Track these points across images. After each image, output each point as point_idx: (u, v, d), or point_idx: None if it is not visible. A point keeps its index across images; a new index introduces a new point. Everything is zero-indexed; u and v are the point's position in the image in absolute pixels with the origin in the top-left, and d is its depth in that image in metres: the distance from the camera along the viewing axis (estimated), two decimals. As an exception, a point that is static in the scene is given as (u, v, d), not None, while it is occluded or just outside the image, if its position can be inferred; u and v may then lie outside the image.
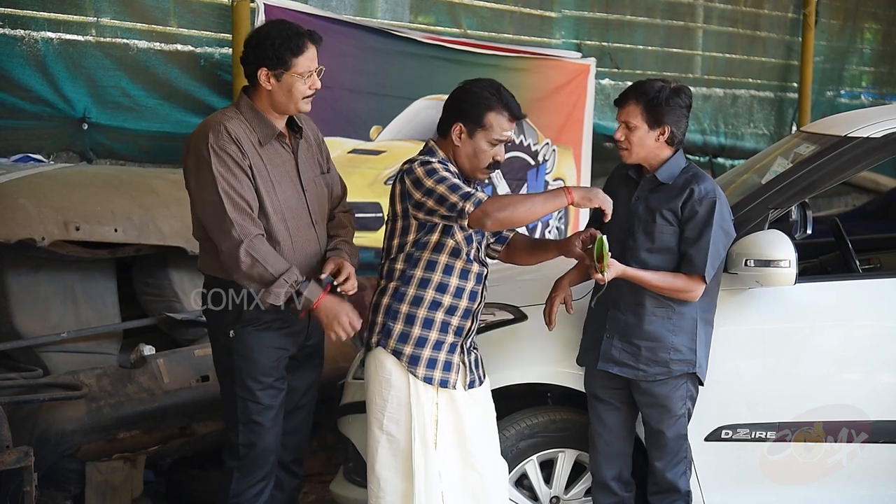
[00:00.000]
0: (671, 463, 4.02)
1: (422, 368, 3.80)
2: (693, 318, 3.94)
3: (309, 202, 3.94)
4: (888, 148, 4.30)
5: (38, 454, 3.89)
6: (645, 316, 3.93)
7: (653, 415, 4.00)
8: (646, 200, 3.96)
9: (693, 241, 3.87)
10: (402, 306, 3.84)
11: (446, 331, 3.84)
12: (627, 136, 3.93)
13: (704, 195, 3.87)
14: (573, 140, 7.88)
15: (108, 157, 5.92)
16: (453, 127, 3.83)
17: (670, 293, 3.89)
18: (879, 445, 4.25)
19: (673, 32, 9.61)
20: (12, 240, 4.38)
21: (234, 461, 3.97)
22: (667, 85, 3.92)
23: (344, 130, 6.47)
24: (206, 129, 3.79)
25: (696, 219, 3.87)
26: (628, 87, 4.02)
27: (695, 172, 3.96)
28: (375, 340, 3.87)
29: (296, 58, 3.79)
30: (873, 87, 11.98)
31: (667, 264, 3.91)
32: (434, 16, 7.67)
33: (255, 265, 3.70)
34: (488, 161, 3.84)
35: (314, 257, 3.94)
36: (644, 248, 3.93)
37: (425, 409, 3.81)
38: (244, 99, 3.89)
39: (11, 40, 5.52)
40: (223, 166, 3.72)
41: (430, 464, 3.80)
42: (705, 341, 4.00)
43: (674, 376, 3.94)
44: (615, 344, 3.98)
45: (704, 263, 3.84)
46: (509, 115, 3.82)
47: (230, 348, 3.90)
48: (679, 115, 3.92)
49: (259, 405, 3.92)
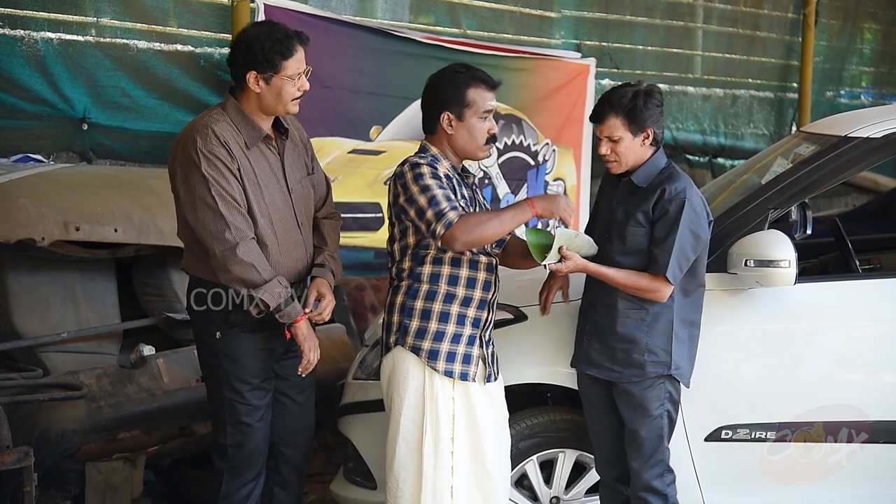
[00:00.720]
0: (647, 464, 3.99)
1: (441, 363, 3.81)
2: (669, 319, 3.91)
3: (295, 204, 3.94)
4: (888, 148, 4.30)
5: (38, 454, 3.89)
6: (618, 317, 3.92)
7: (628, 414, 3.99)
8: (624, 204, 3.94)
9: (660, 240, 3.84)
10: (416, 303, 3.84)
11: (463, 323, 3.84)
12: (613, 149, 3.91)
13: (675, 195, 3.83)
14: (573, 140, 7.88)
15: (108, 157, 5.92)
16: (441, 118, 3.84)
17: (635, 292, 3.86)
18: (879, 445, 4.25)
19: (673, 32, 9.60)
20: (12, 240, 4.38)
21: (223, 462, 3.97)
22: (638, 89, 3.90)
23: (344, 130, 6.48)
24: (193, 132, 3.77)
25: (664, 219, 3.84)
26: (599, 100, 3.98)
27: (670, 173, 3.92)
28: (394, 340, 3.86)
29: (285, 60, 3.77)
30: (873, 88, 11.97)
31: (638, 265, 3.88)
32: (434, 16, 7.67)
33: (249, 269, 3.70)
34: (485, 136, 3.86)
35: (300, 260, 3.95)
36: (617, 250, 3.91)
37: (440, 405, 3.80)
38: (230, 100, 3.86)
39: (11, 40, 5.52)
40: (214, 169, 3.71)
41: (441, 459, 3.80)
42: (687, 344, 3.97)
43: (649, 377, 3.94)
44: (594, 346, 3.98)
45: (668, 264, 3.80)
46: (487, 86, 3.86)
47: (217, 350, 3.89)
48: (657, 115, 3.90)
49: (247, 406, 3.92)
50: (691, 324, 3.98)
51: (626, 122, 3.87)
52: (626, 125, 3.87)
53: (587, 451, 4.29)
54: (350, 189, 6.36)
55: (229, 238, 3.69)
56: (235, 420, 3.92)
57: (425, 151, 3.88)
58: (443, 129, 3.86)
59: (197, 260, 3.87)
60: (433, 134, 3.90)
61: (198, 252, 3.84)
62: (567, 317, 4.18)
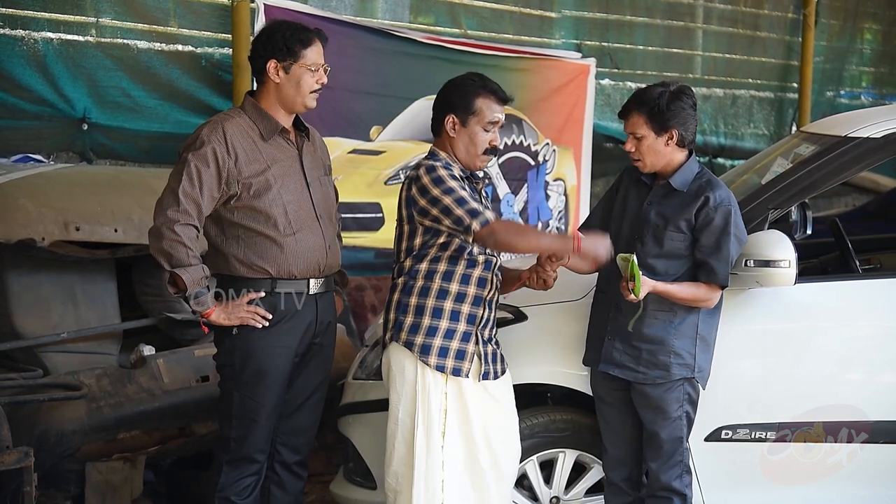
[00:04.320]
0: (665, 465, 4.01)
1: (433, 357, 3.82)
2: (694, 322, 3.93)
3: (314, 197, 3.99)
4: (888, 148, 4.30)
5: (38, 454, 3.89)
6: (646, 318, 3.93)
7: (648, 416, 4.00)
8: (658, 206, 3.93)
9: (712, 250, 3.85)
10: (411, 299, 3.87)
11: (457, 319, 3.86)
12: (637, 147, 3.91)
13: (720, 203, 3.85)
14: (573, 140, 7.88)
15: (108, 157, 5.92)
16: (446, 120, 3.88)
17: (691, 303, 3.89)
18: (879, 445, 4.25)
19: (673, 32, 9.60)
20: (12, 240, 4.38)
21: (224, 454, 4.00)
22: (666, 89, 3.90)
23: (344, 131, 6.48)
24: (205, 125, 3.90)
25: (711, 227, 3.85)
26: (630, 97, 4.01)
27: (708, 179, 3.93)
28: (389, 336, 3.91)
29: (305, 49, 3.87)
30: (873, 88, 11.97)
31: (674, 269, 3.89)
32: (434, 16, 7.67)
33: (178, 246, 3.73)
34: (485, 146, 3.89)
35: (318, 251, 3.98)
36: (652, 253, 3.91)
37: (432, 400, 3.83)
38: (249, 99, 3.98)
39: (11, 40, 5.52)
40: (201, 159, 3.78)
41: (432, 452, 3.82)
42: (709, 345, 3.99)
43: (672, 379, 3.94)
44: (616, 346, 3.98)
45: (727, 274, 3.85)
46: (496, 98, 3.89)
47: (233, 345, 3.92)
48: (685, 117, 3.89)
49: (255, 403, 3.94)
50: (712, 324, 4.00)
51: (649, 120, 3.87)
52: (649, 123, 3.87)
53: (587, 451, 4.29)
54: (350, 189, 6.35)
55: (171, 216, 3.74)
56: (242, 415, 3.95)
57: (435, 156, 3.91)
58: (446, 132, 3.88)
59: (213, 253, 3.96)
60: (439, 137, 3.94)
61: (213, 247, 3.95)
62: (567, 317, 4.18)
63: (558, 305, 4.29)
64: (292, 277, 3.93)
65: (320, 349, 4.10)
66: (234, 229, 3.89)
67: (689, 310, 3.91)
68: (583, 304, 4.18)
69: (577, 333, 4.17)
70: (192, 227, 3.77)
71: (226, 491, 3.98)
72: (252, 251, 3.89)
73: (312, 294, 3.98)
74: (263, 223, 3.87)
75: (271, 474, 4.13)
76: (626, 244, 3.92)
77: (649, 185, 3.99)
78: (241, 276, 3.90)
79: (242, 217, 3.88)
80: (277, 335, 3.92)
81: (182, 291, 3.78)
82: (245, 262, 3.90)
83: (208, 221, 3.90)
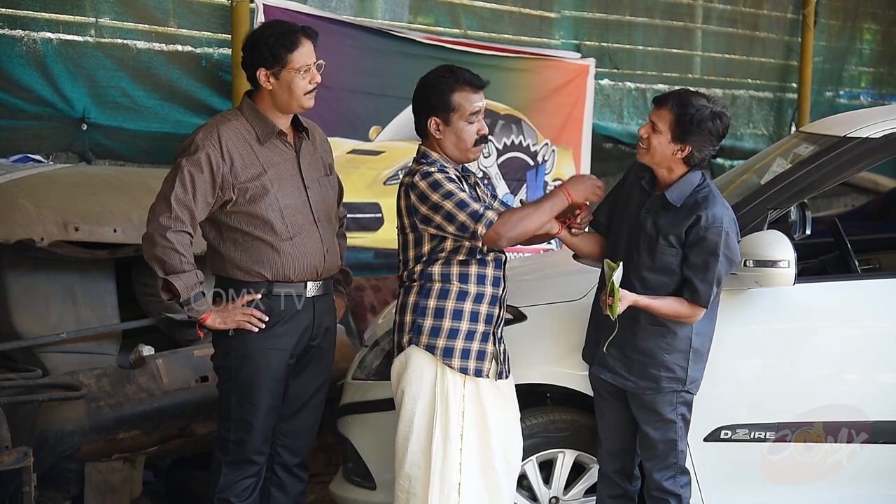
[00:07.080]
0: (658, 466, 4.00)
1: (456, 360, 3.82)
2: (687, 336, 3.91)
3: (312, 200, 3.97)
4: (888, 148, 4.30)
5: (37, 454, 3.89)
6: (638, 331, 3.92)
7: (642, 417, 4.00)
8: (654, 216, 3.90)
9: (699, 269, 3.81)
10: (429, 301, 3.85)
11: (476, 320, 3.85)
12: (650, 136, 3.86)
13: (712, 223, 3.79)
14: (572, 140, 7.88)
15: (107, 157, 5.92)
16: (428, 123, 3.86)
17: (674, 318, 3.87)
18: (879, 445, 4.25)
19: (672, 33, 9.60)
20: (12, 240, 4.38)
21: (223, 456, 4.00)
22: (710, 107, 3.82)
23: (343, 131, 6.48)
24: (202, 127, 3.89)
25: (700, 246, 3.80)
26: (675, 90, 3.96)
27: (706, 195, 3.85)
28: (407, 339, 3.87)
29: (291, 53, 3.83)
30: (873, 88, 11.97)
31: (665, 283, 3.87)
32: (434, 16, 7.67)
33: (171, 253, 3.73)
34: (473, 138, 3.86)
35: (315, 255, 3.96)
36: (646, 265, 3.89)
37: (451, 402, 3.82)
38: (246, 101, 3.96)
39: (11, 40, 5.52)
40: (195, 165, 3.77)
41: (449, 456, 3.82)
42: (703, 356, 3.97)
43: (662, 392, 3.93)
44: (611, 352, 3.97)
45: (709, 296, 3.82)
46: (472, 88, 3.85)
47: (230, 347, 3.93)
48: (705, 141, 3.83)
49: (253, 406, 3.94)
50: (706, 335, 3.98)
51: (675, 122, 3.81)
52: (672, 125, 3.82)
53: (586, 452, 4.29)
54: (349, 189, 6.32)
55: (163, 222, 3.74)
56: (240, 417, 3.95)
57: (427, 158, 3.88)
58: (431, 134, 3.87)
59: (212, 254, 3.97)
60: (426, 138, 3.92)
61: (212, 249, 3.95)
62: (567, 316, 4.18)
63: (558, 305, 4.29)
64: (289, 281, 3.93)
65: (319, 352, 4.10)
66: (232, 233, 3.89)
67: (682, 324, 3.90)
68: (583, 304, 4.18)
69: (577, 333, 4.17)
70: (185, 234, 3.77)
71: (225, 492, 3.98)
72: (249, 255, 3.89)
73: (310, 297, 3.98)
74: (260, 228, 3.86)
75: (271, 476, 4.13)
76: (624, 250, 3.91)
77: (649, 192, 3.98)
78: (238, 279, 3.90)
79: (239, 221, 3.87)
80: (274, 338, 3.92)
81: (176, 297, 3.78)
82: (242, 267, 3.89)
83: (207, 224, 3.90)
